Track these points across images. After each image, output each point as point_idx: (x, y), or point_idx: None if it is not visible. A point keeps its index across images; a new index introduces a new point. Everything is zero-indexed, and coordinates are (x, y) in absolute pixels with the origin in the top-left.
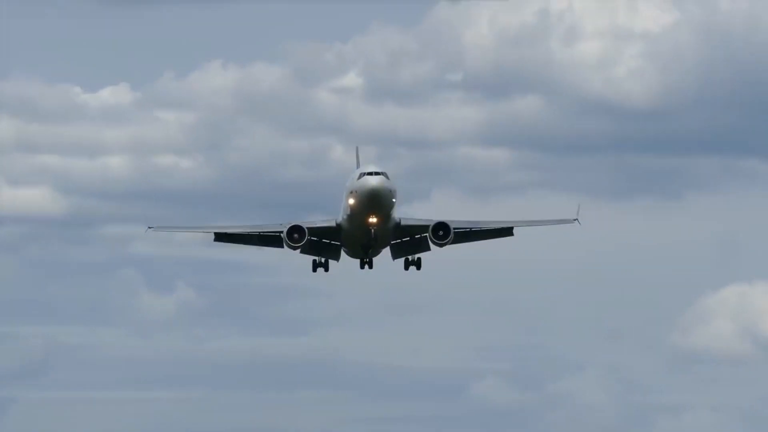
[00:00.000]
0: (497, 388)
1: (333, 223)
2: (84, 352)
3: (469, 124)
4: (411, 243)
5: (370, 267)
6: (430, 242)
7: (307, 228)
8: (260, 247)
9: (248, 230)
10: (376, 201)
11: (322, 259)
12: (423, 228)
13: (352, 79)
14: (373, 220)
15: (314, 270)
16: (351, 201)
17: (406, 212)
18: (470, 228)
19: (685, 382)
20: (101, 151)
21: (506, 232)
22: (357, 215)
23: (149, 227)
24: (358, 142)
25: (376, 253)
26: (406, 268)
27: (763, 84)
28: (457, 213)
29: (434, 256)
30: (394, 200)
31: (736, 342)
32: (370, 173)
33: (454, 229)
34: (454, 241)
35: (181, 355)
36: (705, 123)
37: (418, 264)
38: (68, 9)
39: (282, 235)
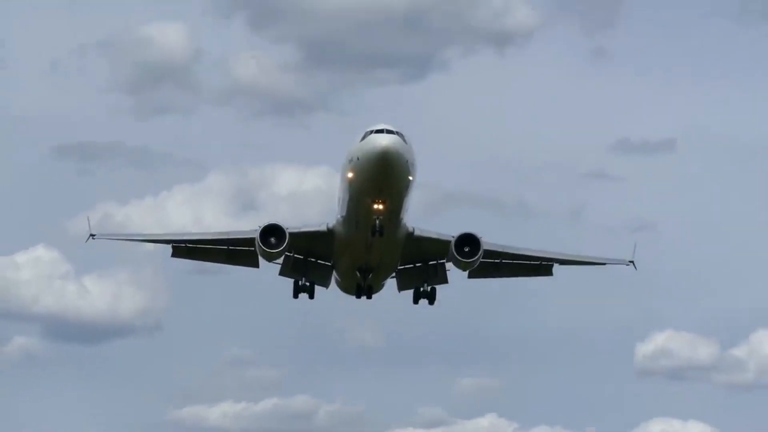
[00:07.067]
0: None
1: (324, 228)
2: None
3: None
4: (423, 270)
5: (369, 297)
6: (452, 261)
7: (290, 232)
8: (230, 265)
9: (214, 237)
10: (388, 171)
11: (307, 282)
12: (441, 246)
13: None
14: (379, 206)
15: (295, 295)
16: (350, 175)
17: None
18: (501, 255)
19: None
20: None
21: (545, 269)
22: (359, 196)
23: (92, 235)
24: None
25: (379, 282)
26: (416, 300)
27: None
28: None
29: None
30: (410, 177)
31: None
32: (379, 131)
33: (485, 250)
34: (481, 273)
35: None
36: None
37: (431, 296)
38: None
39: (255, 240)
